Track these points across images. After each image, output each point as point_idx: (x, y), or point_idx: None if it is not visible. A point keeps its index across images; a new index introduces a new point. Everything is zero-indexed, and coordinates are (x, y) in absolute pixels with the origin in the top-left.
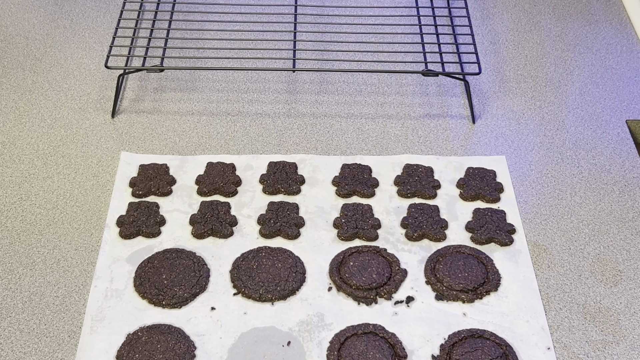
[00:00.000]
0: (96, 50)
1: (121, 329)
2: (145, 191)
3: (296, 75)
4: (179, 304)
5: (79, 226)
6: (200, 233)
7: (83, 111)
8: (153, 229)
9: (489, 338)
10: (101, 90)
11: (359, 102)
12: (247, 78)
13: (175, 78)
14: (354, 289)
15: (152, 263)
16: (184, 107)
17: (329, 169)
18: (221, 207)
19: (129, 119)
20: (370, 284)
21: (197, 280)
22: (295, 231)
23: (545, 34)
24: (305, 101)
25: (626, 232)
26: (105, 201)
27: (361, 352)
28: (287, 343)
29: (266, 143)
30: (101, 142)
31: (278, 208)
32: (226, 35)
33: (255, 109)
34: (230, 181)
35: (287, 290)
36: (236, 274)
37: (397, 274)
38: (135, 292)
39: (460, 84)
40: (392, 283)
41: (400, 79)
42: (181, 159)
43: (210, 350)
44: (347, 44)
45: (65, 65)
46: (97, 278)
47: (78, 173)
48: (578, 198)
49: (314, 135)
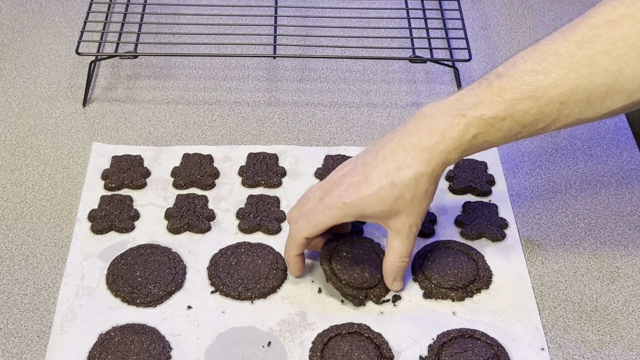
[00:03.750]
0: (67, 35)
1: (93, 328)
2: (118, 184)
3: (277, 61)
4: (153, 303)
5: (48, 221)
6: (176, 228)
7: (53, 100)
8: (126, 223)
9: (479, 338)
10: (72, 77)
11: (343, 90)
12: (225, 65)
13: (149, 65)
14: (343, 284)
15: (126, 259)
16: (159, 96)
17: (311, 160)
18: (198, 201)
19: (101, 108)
20: (362, 283)
21: (172, 277)
22: (276, 226)
23: (539, 18)
24: (287, 89)
25: (624, 226)
26: (76, 194)
27: (345, 352)
28: (268, 343)
29: (245, 133)
30: (72, 132)
31: (258, 201)
32: (203, 19)
33: (234, 97)
34: (207, 173)
35: (268, 288)
36: (214, 271)
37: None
38: (108, 290)
39: (450, 71)
40: (383, 286)
41: (387, 66)
42: (156, 150)
43: (187, 351)
44: (331, 29)
45: (34, 52)
46: (67, 275)
47: (47, 165)
48: (573, 191)
49: (296, 125)
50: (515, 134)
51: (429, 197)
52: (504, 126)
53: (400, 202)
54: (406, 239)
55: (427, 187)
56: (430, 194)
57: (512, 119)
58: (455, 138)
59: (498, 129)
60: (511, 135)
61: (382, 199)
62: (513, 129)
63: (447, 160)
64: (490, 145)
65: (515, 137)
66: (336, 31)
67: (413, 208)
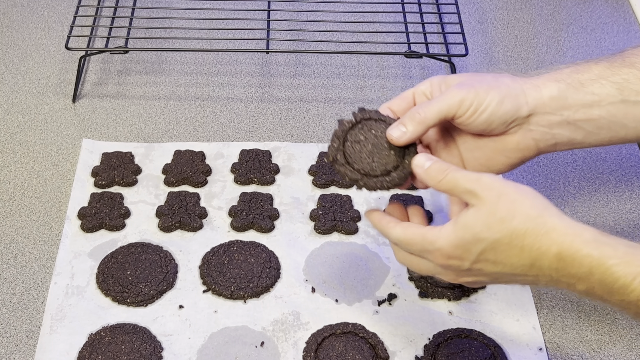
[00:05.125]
0: (56, 30)
1: (83, 328)
2: (109, 181)
3: (270, 57)
4: (144, 302)
5: (37, 219)
6: (167, 226)
7: (42, 95)
8: (117, 221)
9: (476, 338)
10: (61, 73)
11: (337, 86)
12: (217, 60)
13: (140, 60)
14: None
15: (116, 258)
16: (150, 91)
17: (305, 157)
18: (190, 198)
19: (91, 103)
20: (370, 170)
21: (164, 276)
22: (269, 224)
23: (537, 13)
24: (280, 85)
25: (623, 224)
26: (66, 192)
27: (340, 353)
28: (261, 344)
29: (238, 129)
30: (61, 129)
31: (251, 199)
32: (195, 14)
33: (227, 93)
34: (199, 170)
35: (261, 287)
36: (206, 270)
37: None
38: (98, 289)
39: (446, 67)
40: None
41: (382, 61)
42: (147, 147)
43: (178, 352)
44: (325, 24)
45: (22, 47)
46: (57, 274)
47: (37, 162)
48: (572, 188)
49: (289, 122)
50: None
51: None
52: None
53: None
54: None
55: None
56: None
57: None
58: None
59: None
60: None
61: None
62: None
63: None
64: None
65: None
66: (330, 26)
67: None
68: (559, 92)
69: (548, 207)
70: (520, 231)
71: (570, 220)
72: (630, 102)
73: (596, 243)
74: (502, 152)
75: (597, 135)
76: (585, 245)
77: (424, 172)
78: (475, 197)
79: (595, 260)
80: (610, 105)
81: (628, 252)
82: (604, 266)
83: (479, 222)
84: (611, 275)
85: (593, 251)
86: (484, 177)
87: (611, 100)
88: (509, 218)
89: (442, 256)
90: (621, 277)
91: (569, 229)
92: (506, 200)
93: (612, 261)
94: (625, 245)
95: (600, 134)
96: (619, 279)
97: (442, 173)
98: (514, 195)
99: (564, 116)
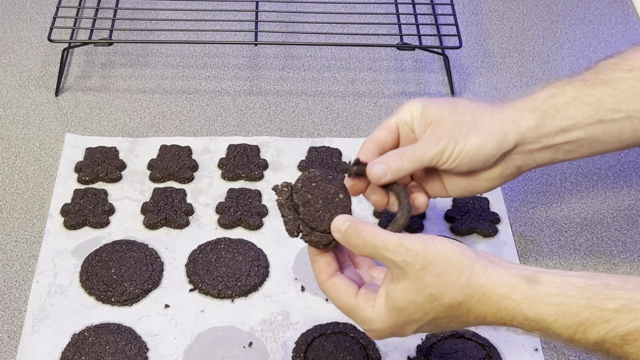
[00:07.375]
0: (38, 21)
1: (66, 328)
2: (93, 177)
3: (258, 49)
4: (129, 301)
5: (19, 215)
6: (152, 223)
7: (24, 89)
8: (101, 218)
9: (470, 338)
10: (44, 65)
11: (328, 79)
12: (204, 52)
13: (125, 52)
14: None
15: (100, 256)
16: (134, 85)
17: (294, 152)
18: (176, 195)
19: (75, 97)
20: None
21: (149, 275)
22: (257, 221)
23: (533, 4)
24: (269, 78)
25: (621, 221)
26: (49, 188)
27: (330, 353)
28: (249, 344)
29: (225, 124)
30: (44, 123)
31: (238, 195)
32: (181, 5)
33: (214, 86)
34: (185, 166)
35: (249, 285)
36: (192, 268)
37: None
38: (82, 288)
39: (439, 59)
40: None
41: (373, 54)
42: (132, 142)
43: (164, 352)
44: (315, 15)
45: (3, 39)
46: (39, 273)
47: (18, 157)
48: (569, 184)
49: (278, 116)
50: None
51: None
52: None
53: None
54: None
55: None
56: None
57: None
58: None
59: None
60: None
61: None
62: None
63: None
64: None
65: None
66: (320, 17)
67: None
68: (536, 122)
69: (473, 265)
70: (454, 305)
71: (497, 275)
72: (607, 121)
73: (528, 303)
74: (485, 180)
75: (578, 152)
76: (518, 306)
77: (341, 237)
78: (399, 269)
79: (534, 321)
80: (588, 126)
81: (561, 303)
82: (544, 324)
83: (410, 304)
84: (552, 330)
85: (528, 312)
86: (405, 244)
87: (588, 122)
88: (439, 295)
89: (381, 334)
90: (563, 333)
91: (500, 289)
92: (431, 274)
93: (549, 318)
94: (556, 287)
95: (581, 150)
96: (561, 335)
97: (357, 237)
98: (438, 267)
99: (542, 143)
